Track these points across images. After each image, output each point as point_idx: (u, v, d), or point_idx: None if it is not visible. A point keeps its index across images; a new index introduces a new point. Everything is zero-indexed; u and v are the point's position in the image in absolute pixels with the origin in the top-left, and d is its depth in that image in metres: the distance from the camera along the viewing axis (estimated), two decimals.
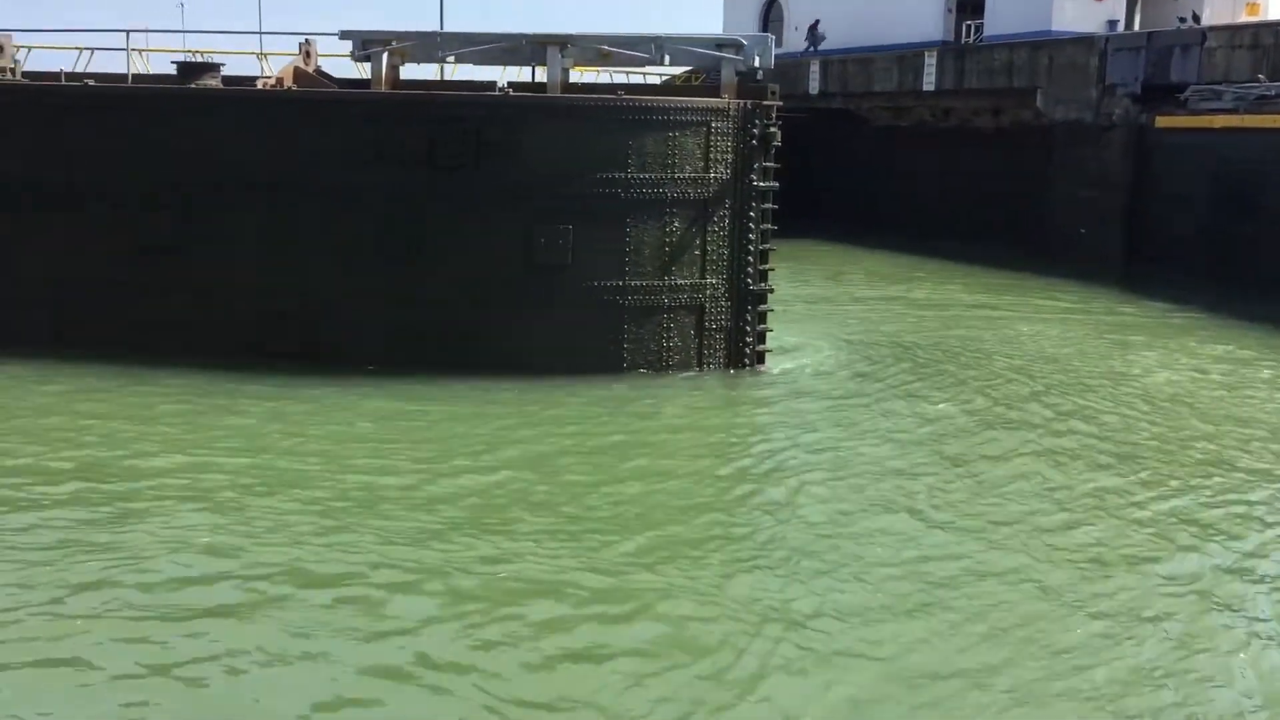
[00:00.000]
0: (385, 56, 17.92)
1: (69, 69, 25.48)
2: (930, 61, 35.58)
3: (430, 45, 17.92)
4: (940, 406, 15.50)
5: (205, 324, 16.54)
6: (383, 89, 17.64)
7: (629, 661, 8.23)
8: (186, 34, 39.30)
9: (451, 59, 18.18)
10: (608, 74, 31.99)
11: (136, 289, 16.71)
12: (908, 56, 36.58)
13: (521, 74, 22.57)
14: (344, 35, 18.27)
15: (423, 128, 15.89)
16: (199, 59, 22.46)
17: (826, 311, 23.25)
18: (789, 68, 39.85)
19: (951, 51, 36.44)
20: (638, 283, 15.94)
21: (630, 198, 15.77)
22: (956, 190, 36.07)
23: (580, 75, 29.72)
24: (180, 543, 10.13)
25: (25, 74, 21.86)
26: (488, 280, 15.91)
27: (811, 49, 42.01)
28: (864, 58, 38.61)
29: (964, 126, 36.46)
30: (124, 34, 21.29)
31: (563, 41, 16.97)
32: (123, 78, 20.73)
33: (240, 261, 16.40)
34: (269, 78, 18.25)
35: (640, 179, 15.75)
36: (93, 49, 27.10)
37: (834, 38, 42.23)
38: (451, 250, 15.95)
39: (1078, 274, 28.30)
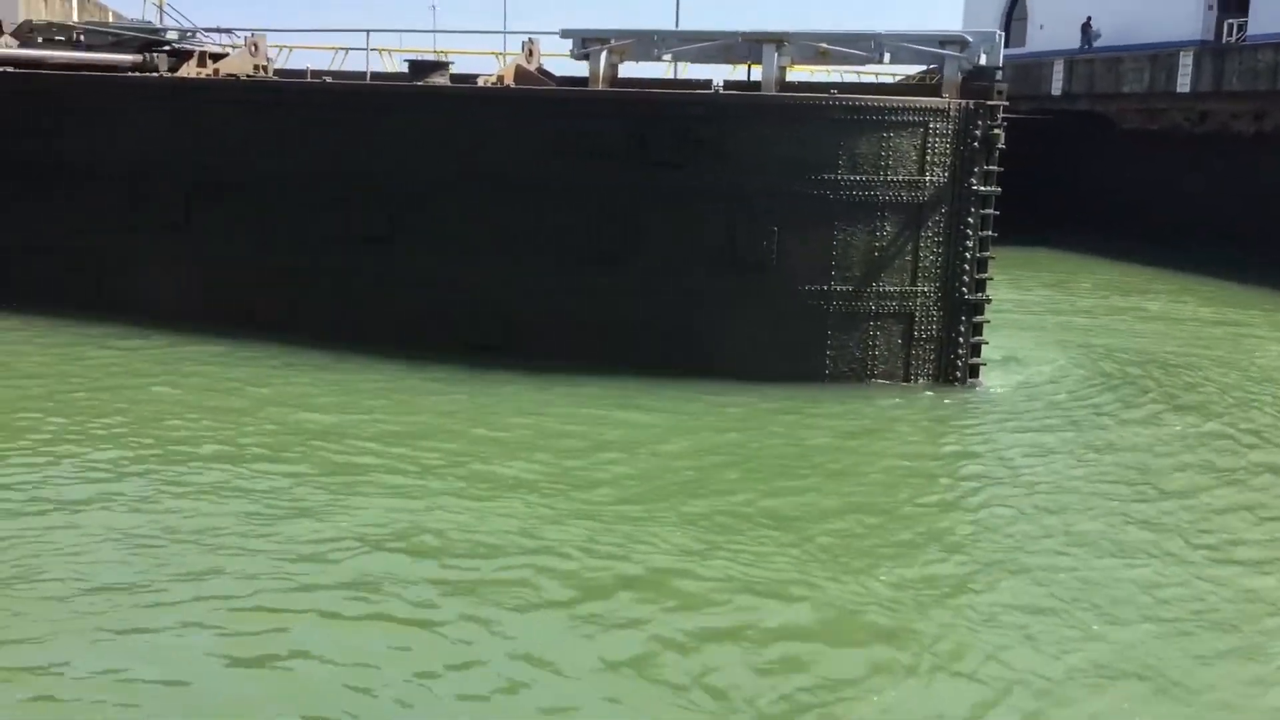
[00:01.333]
0: (604, 55, 17.70)
1: (326, 67, 26.58)
2: (1186, 62, 32.93)
3: (647, 43, 17.57)
4: (1176, 430, 14.04)
5: (417, 313, 16.71)
6: (600, 87, 17.41)
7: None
8: (421, 33, 40.60)
9: (668, 57, 17.77)
10: (839, 74, 30.96)
11: (357, 278, 17.05)
12: (1160, 56, 34.00)
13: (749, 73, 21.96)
14: (565, 34, 18.13)
15: (633, 125, 15.55)
16: (442, 58, 22.89)
17: (1054, 323, 21.69)
18: (1030, 68, 37.86)
19: (1210, 51, 33.63)
20: (844, 288, 15.11)
21: (840, 199, 14.97)
22: (1208, 198, 33.29)
23: (812, 75, 28.81)
24: (384, 525, 10.15)
25: (277, 72, 22.85)
26: (691, 279, 15.43)
27: (1086, 47, 39.23)
28: (1112, 58, 36.15)
29: (1221, 131, 33.57)
30: (364, 34, 21.94)
31: (778, 39, 16.29)
32: (363, 76, 21.34)
33: (451, 254, 16.47)
34: (489, 75, 18.29)
35: (851, 180, 14.93)
36: (346, 49, 28.28)
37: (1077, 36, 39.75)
38: (657, 248, 15.56)
39: None
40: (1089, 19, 39.81)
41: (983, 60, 15.48)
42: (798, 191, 14.97)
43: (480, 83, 17.71)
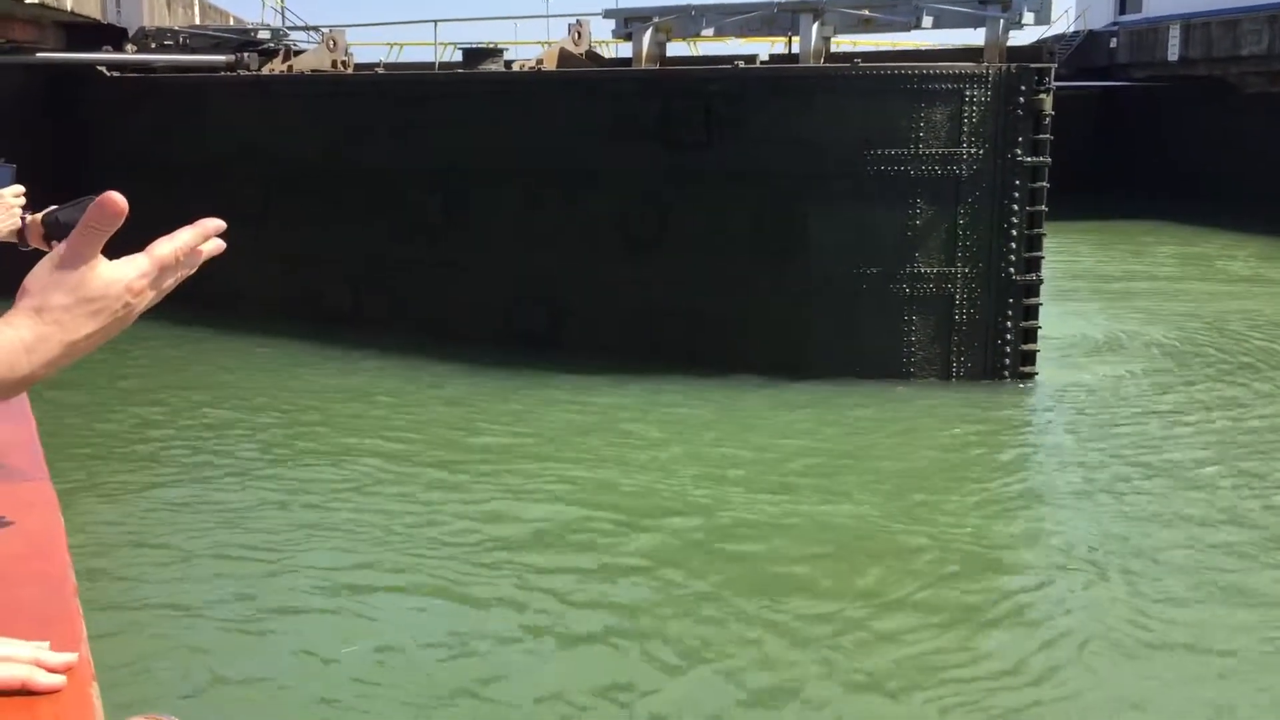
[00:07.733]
0: (648, 33, 15.94)
1: (430, 60, 25.44)
2: None
3: (687, 18, 15.72)
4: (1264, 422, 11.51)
5: (461, 306, 15.34)
6: (643, 66, 15.67)
7: None
8: (486, 21, 39.25)
9: (710, 31, 15.88)
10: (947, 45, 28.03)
11: (410, 268, 15.78)
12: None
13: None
14: (607, 14, 16.58)
15: (657, 104, 13.77)
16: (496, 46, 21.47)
17: (1150, 302, 18.53)
18: (1145, 33, 34.10)
19: None
20: (874, 270, 13.02)
21: (868, 175, 12.89)
22: None
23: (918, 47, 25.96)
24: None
25: (358, 66, 21.76)
26: (714, 266, 13.60)
27: None
28: (1230, 19, 32.10)
29: None
30: (432, 24, 20.68)
31: (814, 8, 14.23)
32: (431, 66, 20.12)
33: (495, 243, 15.03)
34: (527, 61, 16.75)
35: (879, 155, 12.83)
36: (453, 44, 27.18)
37: None
38: (680, 232, 13.79)
39: None
40: None
41: (1029, 20, 13.10)
42: (823, 169, 12.97)
43: (516, 68, 16.17)
